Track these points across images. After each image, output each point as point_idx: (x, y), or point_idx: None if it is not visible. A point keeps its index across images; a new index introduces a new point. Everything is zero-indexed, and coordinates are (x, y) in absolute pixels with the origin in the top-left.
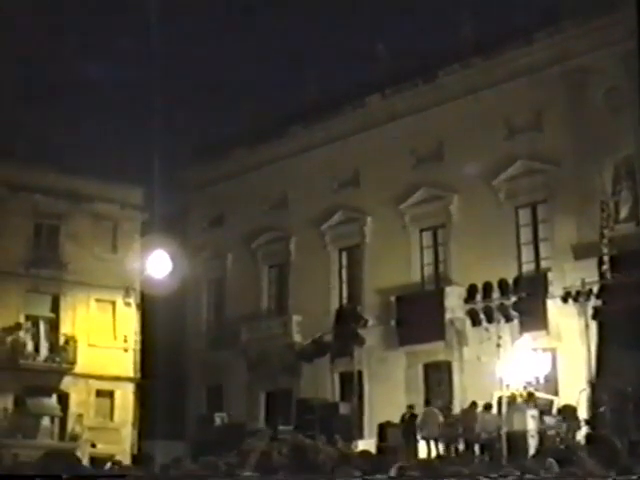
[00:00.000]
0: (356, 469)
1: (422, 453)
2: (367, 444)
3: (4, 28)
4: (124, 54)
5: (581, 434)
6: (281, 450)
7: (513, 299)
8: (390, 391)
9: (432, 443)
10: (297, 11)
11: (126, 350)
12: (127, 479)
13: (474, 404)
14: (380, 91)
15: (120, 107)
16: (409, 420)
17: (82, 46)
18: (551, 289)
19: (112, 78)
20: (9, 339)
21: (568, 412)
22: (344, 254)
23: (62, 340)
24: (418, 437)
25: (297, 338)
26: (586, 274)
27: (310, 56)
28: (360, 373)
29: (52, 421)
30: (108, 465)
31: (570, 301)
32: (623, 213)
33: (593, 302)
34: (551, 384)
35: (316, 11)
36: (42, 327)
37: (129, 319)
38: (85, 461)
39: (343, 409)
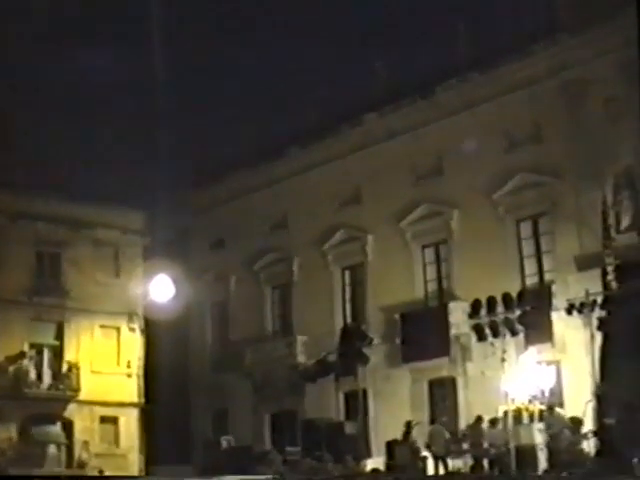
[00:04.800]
0: None
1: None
2: (375, 462)
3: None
4: (123, 77)
5: (589, 445)
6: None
7: (518, 313)
8: (395, 408)
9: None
10: (295, 30)
11: (130, 376)
12: None
13: (480, 419)
14: (378, 109)
15: (120, 131)
16: (405, 437)
17: (80, 68)
18: (555, 301)
19: (111, 101)
20: (12, 368)
21: (574, 424)
22: (347, 273)
23: (65, 367)
24: (427, 454)
25: (301, 358)
26: (590, 285)
27: (307, 75)
28: (365, 391)
29: (58, 449)
30: None
31: (574, 313)
32: (625, 223)
33: (597, 313)
34: (556, 396)
35: (314, 29)
36: (46, 355)
37: (133, 344)
38: None
39: (349, 428)
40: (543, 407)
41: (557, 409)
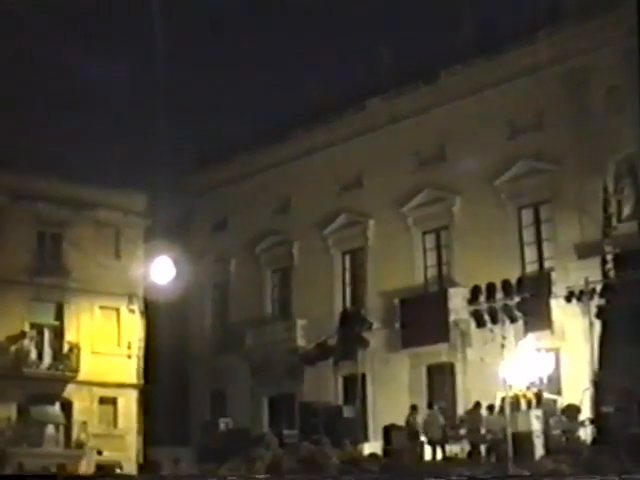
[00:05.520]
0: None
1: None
2: (373, 447)
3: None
4: (125, 59)
5: (586, 433)
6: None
7: (517, 299)
8: (394, 393)
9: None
10: (297, 14)
11: (129, 357)
12: None
13: (478, 405)
14: (381, 93)
15: (122, 112)
16: (413, 422)
17: (84, 53)
18: (555, 289)
19: (114, 83)
20: (13, 347)
21: (572, 412)
22: (347, 257)
23: (66, 348)
24: (423, 439)
25: (301, 342)
26: (590, 273)
27: (311, 59)
28: (364, 376)
29: (57, 429)
30: None
31: (574, 300)
32: (626, 211)
33: (597, 301)
34: (555, 384)
35: (316, 13)
36: (46, 335)
37: (133, 326)
38: (92, 468)
39: (347, 412)
40: (539, 393)
41: (546, 395)
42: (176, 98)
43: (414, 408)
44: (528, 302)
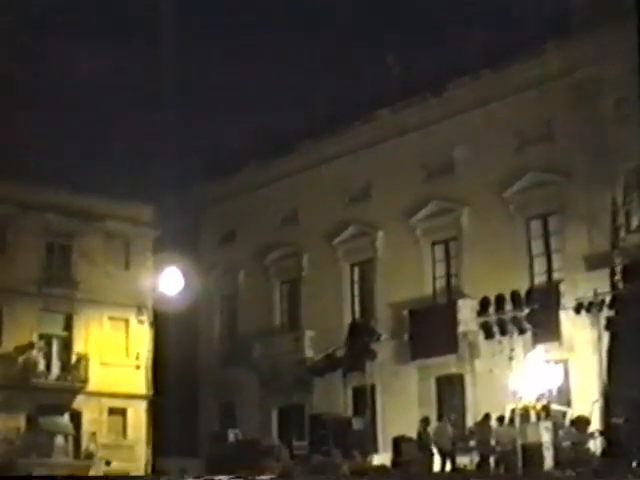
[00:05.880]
0: None
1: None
2: (382, 458)
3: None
4: (135, 69)
5: (596, 445)
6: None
7: (526, 311)
8: (403, 405)
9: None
10: (307, 26)
11: (138, 367)
12: None
13: (487, 417)
14: (390, 105)
15: (132, 124)
16: (425, 434)
17: (93, 63)
18: (563, 300)
19: (124, 94)
20: (21, 358)
21: (581, 423)
22: (356, 269)
23: (74, 359)
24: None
25: (309, 353)
26: (598, 285)
27: (320, 71)
28: (373, 387)
29: (66, 439)
30: None
31: (583, 312)
32: (634, 223)
33: (606, 313)
34: (564, 395)
35: (326, 25)
36: (55, 346)
37: (142, 336)
38: None
39: (356, 424)
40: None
41: (556, 406)
42: (187, 108)
43: (425, 420)
44: (537, 314)
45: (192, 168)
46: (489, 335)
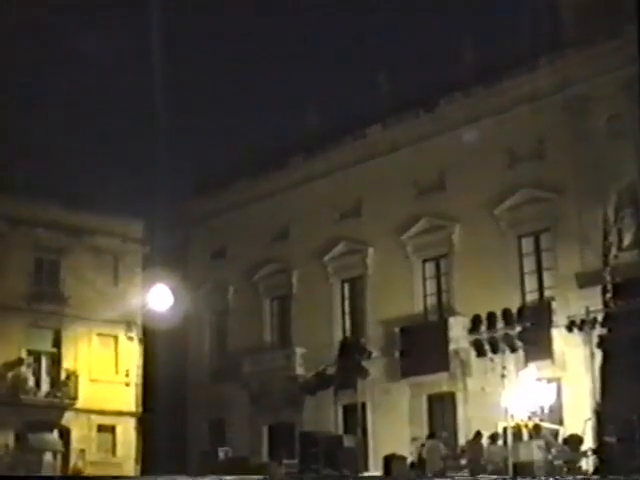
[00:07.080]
0: None
1: None
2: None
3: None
4: (123, 83)
5: (588, 463)
6: None
7: (518, 329)
8: (394, 423)
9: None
10: (299, 42)
11: (128, 384)
12: None
13: (479, 435)
14: (381, 121)
15: (121, 139)
16: (421, 453)
17: (81, 74)
18: (555, 318)
19: (112, 108)
20: (10, 374)
21: (574, 442)
22: (347, 285)
23: (63, 375)
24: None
25: (300, 371)
26: (590, 302)
27: (310, 87)
28: (364, 405)
29: (55, 457)
30: None
31: (575, 330)
32: (626, 240)
33: (598, 330)
34: (556, 414)
35: (316, 42)
36: (44, 362)
37: (131, 353)
38: None
39: (347, 442)
40: (540, 423)
41: (548, 425)
42: (175, 125)
43: (422, 445)
44: (529, 331)
45: (182, 184)
46: (481, 353)
